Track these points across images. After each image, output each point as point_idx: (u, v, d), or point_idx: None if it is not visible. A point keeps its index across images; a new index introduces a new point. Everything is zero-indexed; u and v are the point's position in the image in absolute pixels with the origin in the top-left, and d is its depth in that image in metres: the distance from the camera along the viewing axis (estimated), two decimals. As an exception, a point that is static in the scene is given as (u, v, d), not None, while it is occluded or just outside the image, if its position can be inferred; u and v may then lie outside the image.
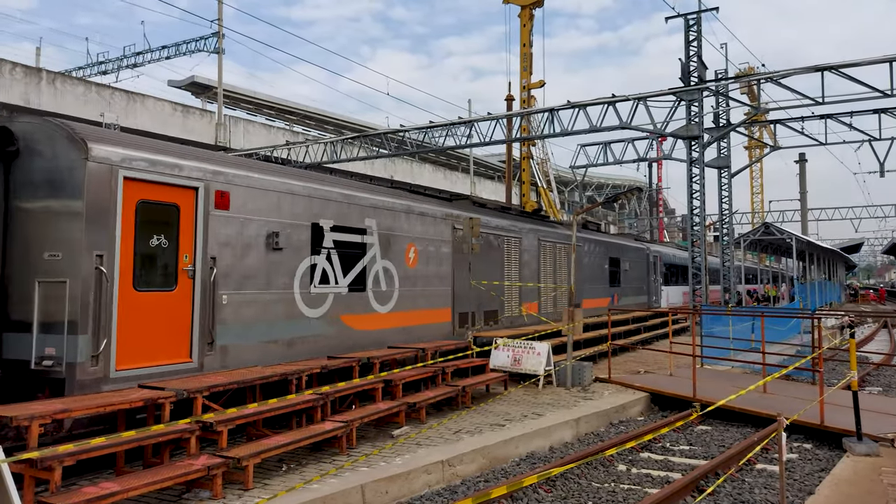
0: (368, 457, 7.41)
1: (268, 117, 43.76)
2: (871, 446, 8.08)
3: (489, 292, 14.29)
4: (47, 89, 24.29)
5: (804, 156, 59.12)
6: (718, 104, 21.03)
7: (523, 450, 8.36)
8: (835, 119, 21.92)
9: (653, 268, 26.62)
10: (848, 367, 8.69)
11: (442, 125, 22.89)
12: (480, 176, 50.37)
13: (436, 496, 6.65)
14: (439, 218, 12.80)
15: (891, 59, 15.91)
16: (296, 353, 9.27)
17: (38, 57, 39.67)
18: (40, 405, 6.01)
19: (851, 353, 8.48)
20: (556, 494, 6.86)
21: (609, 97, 19.07)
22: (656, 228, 62.36)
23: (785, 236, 30.34)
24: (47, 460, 5.15)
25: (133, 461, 6.92)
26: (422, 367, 10.17)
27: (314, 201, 9.77)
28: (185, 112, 29.35)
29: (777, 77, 17.49)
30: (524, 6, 30.94)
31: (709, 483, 7.10)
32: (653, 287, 26.59)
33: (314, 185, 9.85)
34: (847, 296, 66.01)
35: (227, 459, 6.14)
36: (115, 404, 6.27)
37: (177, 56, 35.65)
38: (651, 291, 26.29)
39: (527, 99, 30.54)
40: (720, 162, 23.38)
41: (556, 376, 12.29)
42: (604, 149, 27.65)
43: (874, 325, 32.14)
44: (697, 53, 20.03)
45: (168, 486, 5.74)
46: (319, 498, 5.93)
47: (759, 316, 14.42)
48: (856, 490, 6.61)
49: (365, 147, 25.82)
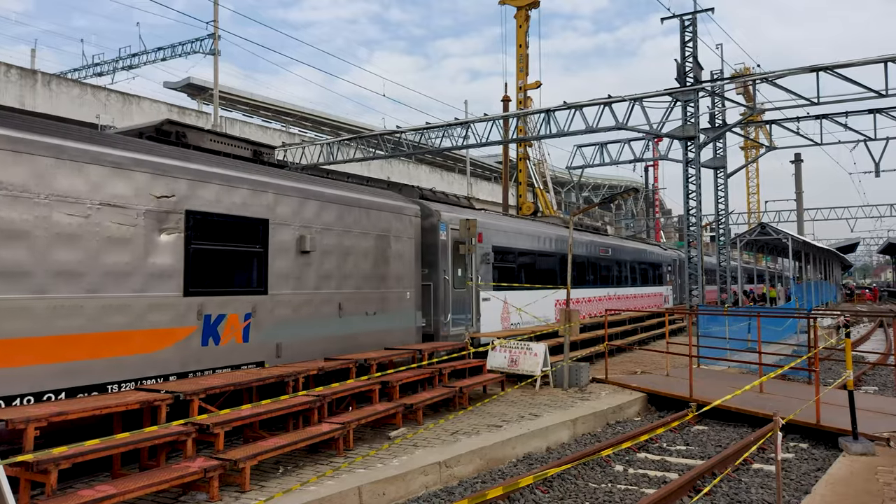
0: (365, 458, 7.40)
1: (264, 119, 43.73)
2: (867, 446, 8.10)
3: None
4: (43, 91, 24.22)
5: (800, 156, 59.32)
6: (714, 105, 21.08)
7: (520, 451, 8.37)
8: (830, 119, 21.99)
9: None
10: (844, 366, 8.71)
11: (438, 126, 22.90)
12: (477, 177, 50.38)
13: (433, 497, 6.65)
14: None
15: (886, 59, 15.96)
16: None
17: (34, 59, 39.57)
18: (36, 408, 5.99)
19: (847, 353, 8.50)
20: (552, 495, 6.86)
21: (605, 98, 19.10)
22: (653, 229, 62.44)
23: (781, 236, 30.39)
24: (43, 463, 5.14)
25: (129, 464, 6.90)
26: (418, 369, 10.17)
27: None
28: (182, 113, 29.31)
29: (772, 77, 17.54)
30: (520, 7, 31.01)
31: (705, 483, 7.11)
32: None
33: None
34: (843, 295, 66.19)
35: (223, 461, 6.13)
36: (111, 407, 6.25)
37: (173, 58, 35.61)
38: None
39: (523, 100, 30.59)
40: (716, 162, 23.46)
41: (553, 377, 12.30)
42: (600, 149, 27.71)
43: (870, 324, 32.24)
44: (693, 54, 20.08)
45: (164, 488, 5.73)
46: (316, 500, 5.92)
47: (755, 316, 14.44)
48: (852, 489, 6.63)
49: (361, 148, 25.81)
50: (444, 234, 13.09)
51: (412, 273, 12.27)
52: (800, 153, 59.91)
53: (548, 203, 37.20)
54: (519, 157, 32.15)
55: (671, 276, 29.45)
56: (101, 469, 6.72)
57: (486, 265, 14.44)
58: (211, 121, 28.68)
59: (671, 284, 29.26)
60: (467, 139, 22.26)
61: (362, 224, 11.10)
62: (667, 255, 29.34)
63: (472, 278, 13.62)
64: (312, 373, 8.63)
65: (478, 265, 13.99)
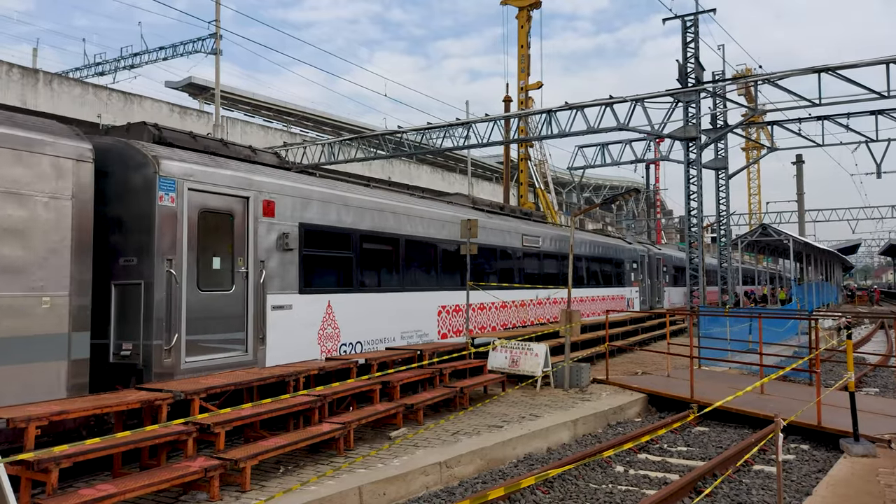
0: (366, 458, 7.40)
1: (265, 118, 43.75)
2: (868, 447, 8.09)
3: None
4: (44, 90, 24.25)
5: (801, 157, 59.32)
6: (716, 105, 21.08)
7: (521, 451, 8.36)
8: (832, 120, 21.99)
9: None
10: (845, 367, 8.70)
11: (439, 126, 22.91)
12: (478, 177, 50.42)
13: (433, 497, 6.64)
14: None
15: (888, 60, 15.95)
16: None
17: (35, 58, 39.65)
18: (37, 407, 5.99)
19: (848, 354, 8.49)
20: (553, 496, 6.86)
21: (606, 99, 19.10)
22: (654, 230, 62.34)
23: (782, 237, 30.36)
24: (44, 462, 5.14)
25: (130, 463, 6.90)
26: (419, 369, 10.17)
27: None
28: (183, 113, 29.34)
29: (774, 78, 17.54)
30: (521, 7, 31.02)
31: (706, 484, 7.10)
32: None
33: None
34: (844, 297, 66.11)
35: (224, 461, 6.13)
36: (111, 406, 6.26)
37: (174, 57, 35.64)
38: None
39: (524, 100, 30.60)
40: (717, 163, 23.44)
41: (554, 377, 12.29)
42: (601, 150, 27.73)
43: (871, 325, 32.21)
44: (695, 55, 20.08)
45: (165, 487, 5.73)
46: (317, 500, 5.92)
47: (756, 317, 14.43)
48: (853, 491, 6.62)
49: (362, 148, 25.83)
50: (171, 199, 8.09)
51: (65, 264, 7.11)
52: (801, 154, 59.93)
53: (549, 203, 37.19)
54: (520, 158, 32.15)
55: (637, 276, 25.29)
56: (101, 468, 6.73)
57: (284, 252, 9.59)
58: (212, 120, 28.71)
59: (637, 285, 25.13)
60: (468, 139, 22.28)
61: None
62: (629, 250, 24.82)
63: (249, 273, 8.96)
64: (313, 373, 8.63)
65: (264, 254, 9.25)
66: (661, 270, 27.88)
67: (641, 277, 25.54)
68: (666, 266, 28.85)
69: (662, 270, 28.20)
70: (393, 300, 11.84)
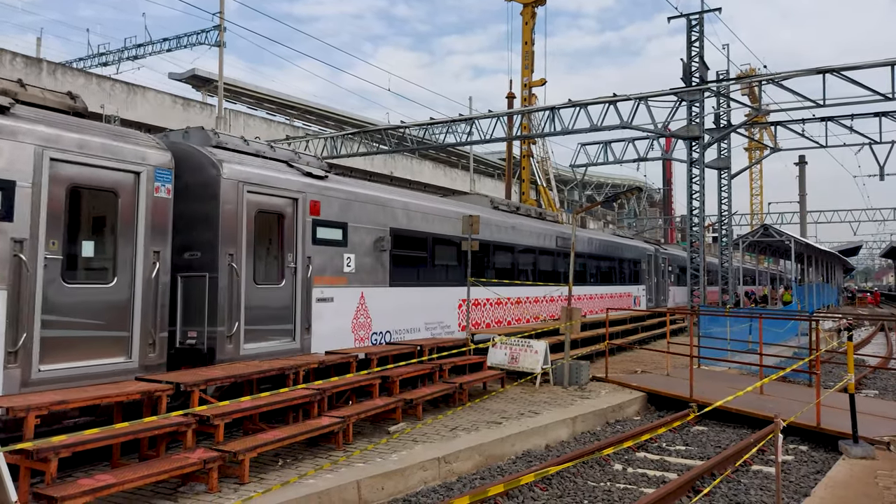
0: (364, 452, 7.41)
1: (269, 112, 43.70)
2: (867, 449, 8.09)
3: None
4: (48, 80, 24.22)
5: (804, 158, 59.32)
6: (719, 105, 21.04)
7: (519, 448, 8.37)
8: (835, 122, 21.95)
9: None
10: (845, 369, 8.69)
11: (442, 122, 22.89)
12: (480, 174, 50.37)
13: (431, 493, 6.65)
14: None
15: (892, 62, 15.91)
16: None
17: (39, 48, 39.62)
18: (37, 396, 6.00)
19: (849, 356, 8.48)
20: (551, 493, 6.86)
21: (610, 96, 19.06)
22: (665, 228, 61.79)
23: (784, 238, 30.30)
24: (43, 451, 5.14)
25: (129, 454, 6.91)
26: (419, 364, 10.17)
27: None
28: (186, 105, 29.32)
29: (778, 79, 17.50)
30: (526, 4, 30.94)
31: (705, 484, 7.10)
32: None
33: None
34: (845, 299, 66.11)
35: (223, 453, 6.13)
36: (111, 396, 6.26)
37: (178, 49, 35.63)
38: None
39: (528, 97, 30.55)
40: (720, 163, 23.40)
41: (553, 375, 12.29)
42: (604, 148, 27.69)
43: (871, 327, 32.20)
44: (699, 54, 20.03)
45: (164, 479, 5.73)
46: (315, 493, 5.93)
47: (756, 317, 14.43)
48: (851, 493, 6.62)
49: (365, 143, 25.80)
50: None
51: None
52: (804, 155, 59.90)
53: (551, 200, 37.13)
54: (523, 155, 32.11)
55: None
56: (100, 459, 6.74)
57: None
58: (215, 112, 28.68)
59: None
60: (471, 135, 22.25)
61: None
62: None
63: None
64: (313, 366, 8.63)
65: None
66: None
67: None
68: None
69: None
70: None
